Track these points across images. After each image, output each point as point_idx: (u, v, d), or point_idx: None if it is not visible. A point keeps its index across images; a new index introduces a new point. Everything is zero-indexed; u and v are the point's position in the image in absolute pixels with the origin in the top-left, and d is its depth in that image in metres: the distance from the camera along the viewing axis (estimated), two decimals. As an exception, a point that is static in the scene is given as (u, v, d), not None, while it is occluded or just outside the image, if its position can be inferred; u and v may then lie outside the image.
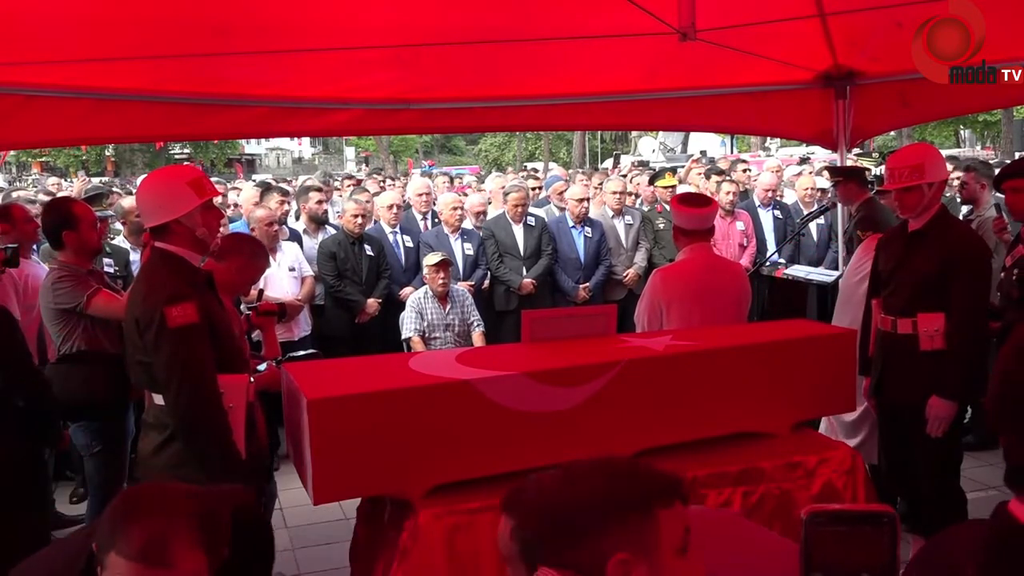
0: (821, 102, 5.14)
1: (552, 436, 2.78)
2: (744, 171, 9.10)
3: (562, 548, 1.14)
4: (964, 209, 5.47)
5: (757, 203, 7.07)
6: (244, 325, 3.61)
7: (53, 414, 3.33)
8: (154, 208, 2.66)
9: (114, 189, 10.15)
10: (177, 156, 35.23)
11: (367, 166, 32.29)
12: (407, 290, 5.83)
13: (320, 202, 6.09)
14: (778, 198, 7.35)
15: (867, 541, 1.03)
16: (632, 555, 1.13)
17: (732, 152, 24.76)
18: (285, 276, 5.43)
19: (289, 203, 6.40)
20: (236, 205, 7.79)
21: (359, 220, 5.75)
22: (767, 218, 6.98)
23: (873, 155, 9.63)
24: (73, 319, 3.66)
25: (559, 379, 2.77)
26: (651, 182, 7.64)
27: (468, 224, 6.42)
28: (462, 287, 5.70)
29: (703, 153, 19.94)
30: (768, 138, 25.36)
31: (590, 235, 6.39)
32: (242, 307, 4.04)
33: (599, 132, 37.14)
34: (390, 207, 6.19)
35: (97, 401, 3.68)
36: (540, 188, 8.94)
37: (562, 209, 6.86)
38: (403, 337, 5.39)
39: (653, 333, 3.57)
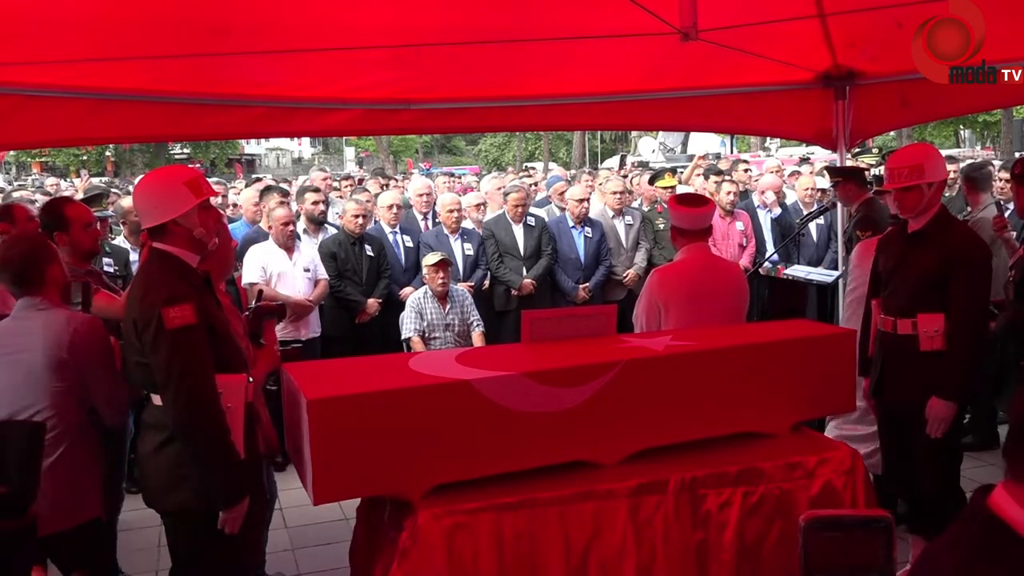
0: (821, 102, 5.14)
1: (552, 436, 2.78)
2: (745, 171, 9.10)
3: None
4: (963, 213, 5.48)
5: (756, 203, 7.07)
6: (247, 325, 3.61)
7: None
8: (151, 208, 2.65)
9: (113, 189, 10.17)
10: (177, 156, 35.27)
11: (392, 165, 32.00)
12: (407, 290, 5.83)
13: (316, 203, 6.09)
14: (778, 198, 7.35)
15: (864, 545, 1.04)
16: None
17: (732, 152, 24.77)
18: (300, 276, 5.44)
19: (288, 204, 6.40)
20: (236, 205, 7.80)
21: (359, 220, 5.76)
22: (766, 218, 6.99)
23: (872, 151, 9.62)
24: (72, 319, 3.65)
25: (559, 379, 2.77)
26: (651, 182, 7.64)
27: (468, 224, 6.43)
28: (462, 287, 5.70)
29: (708, 155, 19.94)
30: (768, 138, 25.37)
31: (590, 235, 6.39)
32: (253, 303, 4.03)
33: (599, 132, 37.19)
34: (390, 207, 6.19)
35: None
36: (536, 184, 8.92)
37: (562, 209, 6.87)
38: (403, 337, 5.39)
39: (653, 333, 3.57)
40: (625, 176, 10.62)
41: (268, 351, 3.26)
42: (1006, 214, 5.36)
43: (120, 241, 5.54)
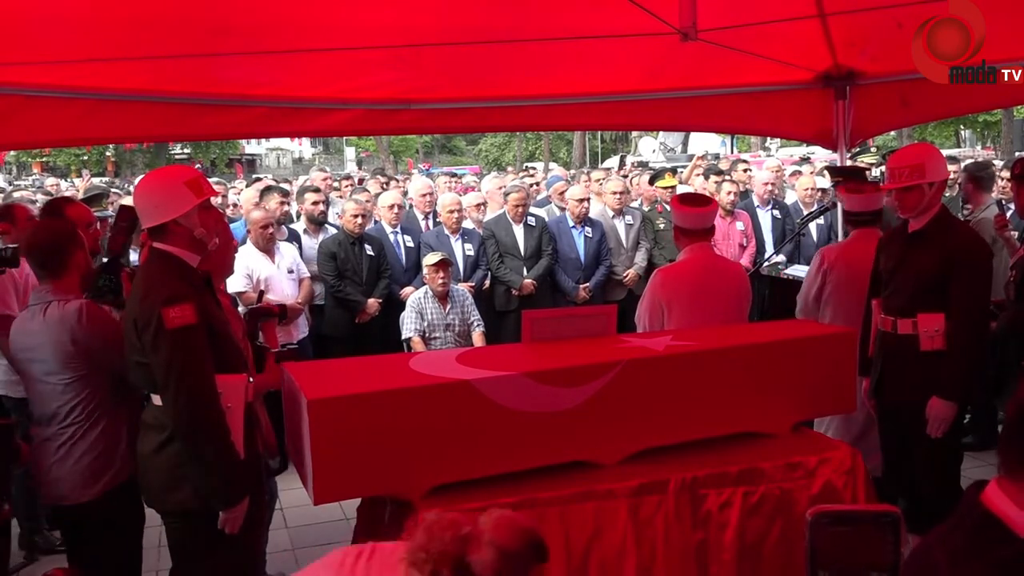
0: (821, 102, 5.14)
1: (552, 436, 2.78)
2: (745, 171, 9.09)
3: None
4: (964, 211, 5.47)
5: (756, 203, 7.07)
6: (247, 327, 3.60)
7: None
8: (151, 208, 2.66)
9: (114, 189, 10.18)
10: (177, 156, 35.26)
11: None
12: (407, 290, 5.83)
13: (316, 203, 6.09)
14: (777, 198, 7.35)
15: (871, 540, 1.04)
16: None
17: (732, 152, 24.76)
18: (284, 278, 5.42)
19: (289, 204, 6.40)
20: (236, 205, 7.80)
21: (359, 220, 5.75)
22: (766, 218, 6.98)
23: (872, 150, 9.62)
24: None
25: (559, 379, 2.77)
26: (651, 182, 7.64)
27: (469, 224, 6.42)
28: (462, 287, 5.70)
29: (707, 153, 19.93)
30: (768, 138, 25.37)
31: (590, 235, 6.39)
32: (240, 308, 4.03)
33: (599, 132, 37.18)
34: (391, 207, 6.19)
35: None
36: (537, 184, 8.91)
37: (563, 209, 6.86)
38: (403, 337, 5.39)
39: (653, 333, 3.57)
40: (625, 176, 10.62)
41: (276, 370, 3.22)
42: (1008, 214, 5.36)
43: (120, 241, 5.54)
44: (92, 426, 2.94)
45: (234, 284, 5.13)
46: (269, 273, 5.34)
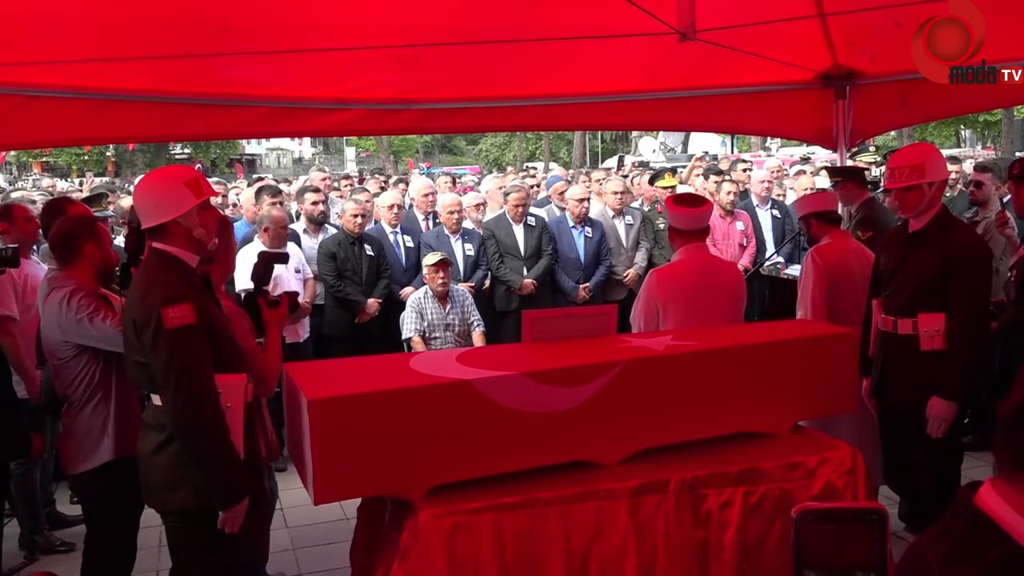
0: (821, 102, 5.14)
1: (552, 436, 2.78)
2: (744, 171, 9.10)
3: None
4: (969, 212, 5.46)
5: (755, 203, 7.08)
6: (254, 272, 3.53)
7: (16, 424, 3.39)
8: (151, 209, 2.65)
9: (115, 189, 10.16)
10: (178, 156, 35.25)
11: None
12: (407, 290, 5.83)
13: (316, 203, 6.08)
14: (775, 197, 7.35)
15: (857, 538, 1.04)
16: None
17: (732, 152, 24.77)
18: (293, 277, 5.42)
19: (282, 203, 6.40)
20: (236, 205, 7.80)
21: (359, 220, 5.75)
22: (766, 218, 6.98)
23: (871, 149, 9.62)
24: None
25: (559, 379, 2.77)
26: (651, 182, 7.64)
27: (469, 224, 6.43)
28: (462, 287, 5.70)
29: (706, 154, 19.92)
30: (768, 138, 25.37)
31: (590, 235, 6.39)
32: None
33: (599, 132, 37.20)
34: (391, 207, 6.19)
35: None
36: (538, 186, 8.92)
37: (562, 209, 6.87)
38: (403, 337, 5.39)
39: (653, 333, 3.57)
40: (625, 176, 10.63)
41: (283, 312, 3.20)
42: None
43: (120, 241, 5.54)
44: (85, 403, 3.15)
45: (242, 282, 5.14)
46: (278, 271, 5.33)
